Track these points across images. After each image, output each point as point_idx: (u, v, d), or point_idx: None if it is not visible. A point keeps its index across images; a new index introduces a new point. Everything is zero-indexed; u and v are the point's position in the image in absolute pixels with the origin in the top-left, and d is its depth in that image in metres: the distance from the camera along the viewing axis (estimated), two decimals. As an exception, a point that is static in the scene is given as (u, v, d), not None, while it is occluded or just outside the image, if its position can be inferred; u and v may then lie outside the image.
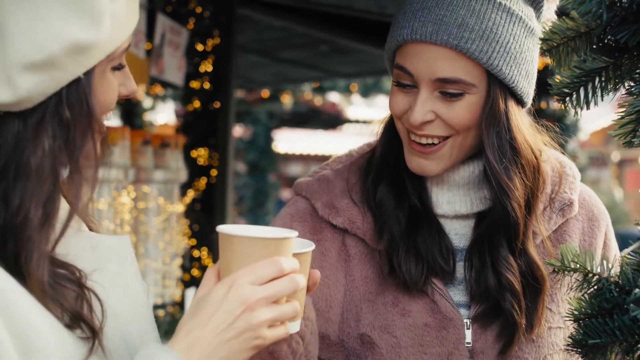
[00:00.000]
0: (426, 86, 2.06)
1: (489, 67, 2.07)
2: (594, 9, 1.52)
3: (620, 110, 1.55)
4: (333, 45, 8.49)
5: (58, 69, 1.59)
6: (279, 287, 1.59)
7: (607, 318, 1.58)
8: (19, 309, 1.54)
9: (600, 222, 2.34)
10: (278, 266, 1.59)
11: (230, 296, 1.57)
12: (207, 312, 1.57)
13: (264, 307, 1.57)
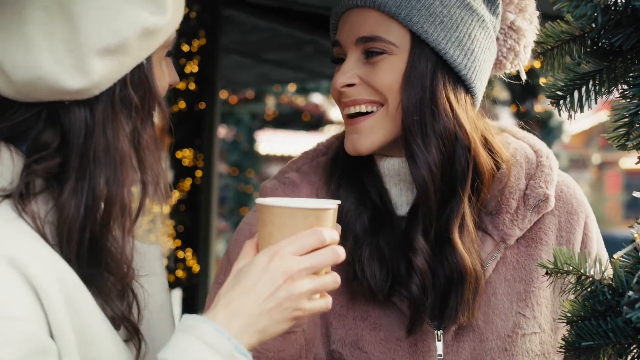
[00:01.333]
0: (351, 51, 2.05)
1: (407, 24, 2.02)
2: (589, 12, 1.53)
3: (614, 113, 1.56)
4: (318, 47, 8.49)
5: (128, 54, 1.60)
6: (320, 258, 1.59)
7: (600, 320, 1.58)
8: (82, 304, 1.55)
9: (579, 215, 2.20)
10: (320, 237, 1.59)
11: (273, 266, 1.56)
12: (249, 282, 1.57)
13: (305, 278, 1.57)
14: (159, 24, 1.61)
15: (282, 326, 1.57)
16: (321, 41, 8.11)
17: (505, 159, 2.11)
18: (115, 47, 1.58)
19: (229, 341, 1.51)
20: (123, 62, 1.60)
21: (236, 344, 1.52)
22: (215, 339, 1.51)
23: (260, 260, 1.58)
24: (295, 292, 1.55)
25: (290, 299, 1.55)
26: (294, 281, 1.55)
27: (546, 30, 1.65)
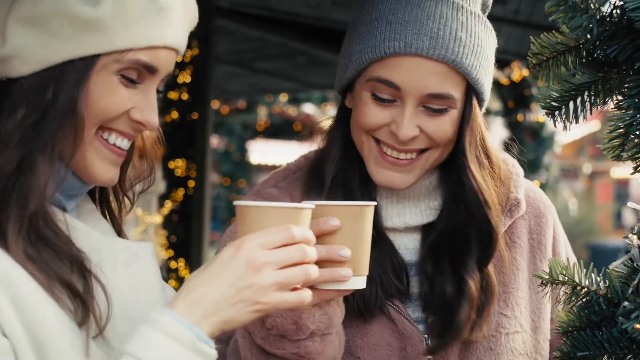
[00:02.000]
0: (413, 101, 2.01)
1: (475, 82, 2.06)
2: (585, 23, 1.53)
3: (610, 124, 1.56)
4: (310, 57, 8.49)
5: (52, 35, 1.60)
6: (287, 254, 1.57)
7: (595, 331, 1.58)
8: (29, 300, 1.54)
9: (547, 217, 2.29)
10: (289, 233, 1.57)
11: (237, 256, 1.55)
12: (213, 271, 1.56)
13: (269, 270, 1.55)
14: (89, 14, 1.60)
15: (245, 318, 1.56)
16: (313, 51, 8.13)
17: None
18: (34, 18, 1.59)
19: (190, 330, 1.51)
20: (48, 43, 1.60)
21: (198, 332, 1.51)
22: (177, 329, 1.50)
23: (226, 251, 1.58)
24: (257, 282, 1.54)
25: (252, 289, 1.54)
26: (257, 272, 1.54)
27: (541, 41, 1.65)
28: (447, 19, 2.01)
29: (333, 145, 2.17)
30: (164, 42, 1.70)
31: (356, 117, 2.09)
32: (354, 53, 2.07)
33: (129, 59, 1.66)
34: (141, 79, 1.71)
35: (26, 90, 1.62)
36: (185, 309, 1.53)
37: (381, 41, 2.01)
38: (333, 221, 1.74)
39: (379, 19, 2.04)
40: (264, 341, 1.87)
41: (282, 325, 1.84)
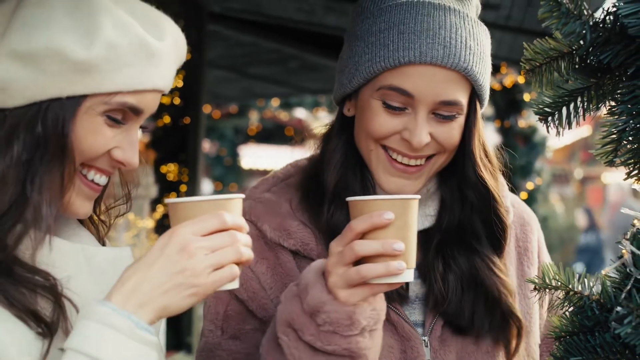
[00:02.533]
0: (425, 108, 2.05)
1: (480, 89, 2.11)
2: (578, 29, 1.54)
3: (603, 130, 1.57)
4: (302, 62, 8.49)
5: (42, 72, 1.61)
6: (219, 239, 1.59)
7: (588, 336, 1.59)
8: None
9: (532, 225, 2.38)
10: (220, 219, 1.60)
11: (170, 243, 1.57)
12: (147, 260, 1.58)
13: (201, 255, 1.57)
14: (79, 55, 1.61)
15: (182, 303, 1.58)
16: (305, 56, 8.12)
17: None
18: (23, 53, 1.60)
19: (128, 319, 1.52)
20: (37, 79, 1.61)
21: (136, 320, 1.53)
22: (114, 318, 1.52)
23: (159, 240, 1.60)
24: (190, 267, 1.56)
25: (185, 274, 1.56)
26: (190, 257, 1.56)
27: (534, 47, 1.65)
28: (457, 28, 2.05)
29: (333, 153, 2.19)
30: (153, 86, 1.72)
31: (365, 125, 2.11)
32: (362, 62, 2.09)
33: (116, 101, 1.68)
34: (125, 119, 1.73)
35: (16, 126, 1.63)
36: (122, 299, 1.55)
37: (395, 50, 2.05)
38: (387, 215, 1.78)
39: (389, 28, 2.07)
40: (313, 337, 1.87)
41: (336, 320, 1.84)
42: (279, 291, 2.11)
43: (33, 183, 1.63)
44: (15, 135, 1.63)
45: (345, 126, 2.20)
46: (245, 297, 2.14)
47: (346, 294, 1.83)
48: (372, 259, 1.79)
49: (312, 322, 1.86)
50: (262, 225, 2.17)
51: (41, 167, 1.64)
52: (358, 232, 1.81)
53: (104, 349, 1.50)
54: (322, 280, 1.87)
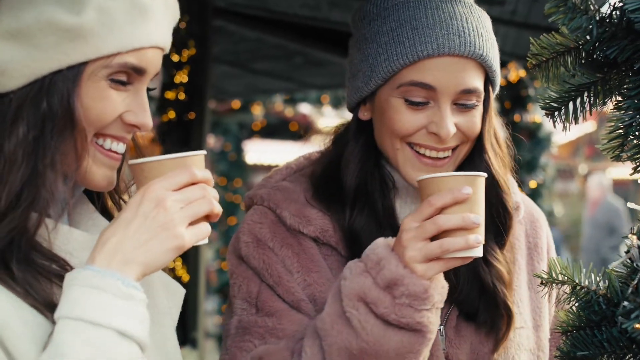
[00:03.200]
0: (447, 99, 2.09)
1: (493, 74, 2.16)
2: (584, 24, 1.54)
3: (609, 125, 1.57)
4: (307, 57, 8.48)
5: (36, 47, 1.60)
6: (191, 192, 1.61)
7: (595, 330, 1.59)
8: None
9: (541, 222, 2.43)
10: (190, 172, 1.62)
11: (145, 200, 1.59)
12: (123, 220, 1.59)
13: (176, 207, 1.59)
14: (71, 23, 1.60)
15: (164, 257, 1.60)
16: (310, 52, 8.11)
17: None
18: (16, 31, 1.60)
19: (112, 278, 1.53)
20: (33, 55, 1.61)
21: (121, 278, 1.54)
22: (99, 279, 1.53)
23: (133, 198, 1.62)
24: (167, 219, 1.58)
25: (164, 227, 1.58)
26: (166, 211, 1.58)
27: (541, 42, 1.65)
28: (466, 17, 2.10)
29: (351, 157, 2.23)
30: (150, 42, 1.71)
31: (388, 125, 2.14)
32: (378, 63, 2.12)
33: (117, 62, 1.67)
34: (130, 80, 1.73)
35: (20, 106, 1.62)
36: (104, 261, 1.56)
37: (412, 46, 2.08)
38: (466, 190, 1.89)
39: (401, 26, 2.10)
40: (388, 310, 1.94)
41: (414, 293, 1.92)
42: (305, 275, 2.17)
43: (45, 159, 1.63)
44: (20, 115, 1.62)
45: (361, 130, 2.23)
46: (271, 282, 2.17)
47: (423, 268, 1.92)
48: (449, 234, 1.90)
49: (387, 295, 1.93)
50: (282, 212, 2.22)
51: (52, 142, 1.64)
52: (438, 207, 1.90)
53: (91, 310, 1.51)
54: (395, 255, 1.94)
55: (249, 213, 2.29)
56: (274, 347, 2.10)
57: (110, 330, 1.51)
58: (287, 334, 2.12)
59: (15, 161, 1.62)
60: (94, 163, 1.73)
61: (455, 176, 1.93)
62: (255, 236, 2.22)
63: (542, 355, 2.27)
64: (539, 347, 2.27)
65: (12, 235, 1.61)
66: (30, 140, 1.62)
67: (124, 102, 1.71)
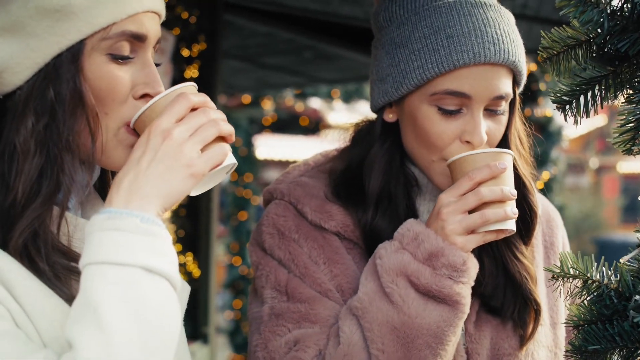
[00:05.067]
0: (480, 106, 2.10)
1: (521, 78, 2.18)
2: (595, 17, 1.54)
3: (620, 118, 1.56)
4: (317, 52, 8.47)
5: (32, 36, 1.59)
6: (194, 118, 1.60)
7: (607, 324, 1.59)
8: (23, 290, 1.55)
9: (557, 221, 2.46)
10: (186, 99, 1.61)
11: (151, 136, 1.57)
12: (134, 158, 1.58)
13: (185, 135, 1.58)
14: (63, 2, 1.59)
15: (182, 185, 1.58)
16: (320, 46, 8.10)
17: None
18: (9, 25, 1.58)
19: (129, 216, 1.51)
20: (30, 45, 1.59)
21: (139, 215, 1.52)
22: (116, 220, 1.51)
23: (140, 138, 1.60)
24: (177, 148, 1.56)
25: (176, 156, 1.56)
26: (173, 140, 1.57)
27: (552, 35, 1.65)
28: (498, 23, 2.10)
29: (376, 159, 2.23)
30: (144, 7, 1.69)
31: (423, 136, 2.14)
32: (411, 70, 2.11)
33: (115, 33, 1.65)
34: (134, 51, 1.71)
35: (27, 99, 1.62)
36: (121, 201, 1.54)
37: (447, 55, 2.08)
38: (502, 164, 2.00)
39: (435, 33, 2.10)
40: (428, 282, 2.02)
41: (453, 264, 2.02)
42: (331, 266, 2.19)
43: (59, 143, 1.62)
44: (27, 107, 1.62)
45: (387, 132, 2.24)
46: (298, 273, 2.19)
47: (463, 240, 2.02)
48: (486, 207, 2.00)
49: (427, 267, 2.02)
50: (303, 207, 2.23)
51: (64, 126, 1.63)
52: (477, 181, 1.99)
53: (114, 251, 1.49)
54: (431, 230, 2.03)
55: (271, 207, 2.30)
56: (310, 331, 2.12)
57: (136, 268, 1.48)
58: (320, 318, 2.14)
59: (28, 152, 1.61)
60: (119, 144, 1.72)
61: (489, 152, 2.03)
62: (278, 229, 2.23)
63: (559, 353, 2.28)
64: (556, 345, 2.29)
65: (34, 227, 1.60)
66: (41, 129, 1.61)
67: (131, 78, 1.70)
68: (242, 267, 11.91)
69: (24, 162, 1.60)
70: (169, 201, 1.57)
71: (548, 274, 2.25)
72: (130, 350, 1.44)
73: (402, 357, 2.01)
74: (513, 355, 2.18)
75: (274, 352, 2.13)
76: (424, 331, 2.01)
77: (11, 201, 1.60)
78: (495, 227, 2.01)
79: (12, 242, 1.58)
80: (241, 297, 11.75)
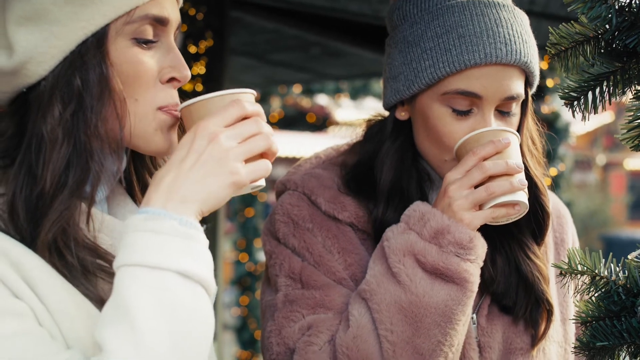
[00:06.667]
0: (492, 106, 2.10)
1: (534, 78, 2.17)
2: (604, 13, 1.53)
3: (628, 114, 1.56)
4: (324, 48, 8.47)
5: (54, 22, 1.56)
6: (244, 126, 1.57)
7: (614, 320, 1.58)
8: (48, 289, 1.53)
9: (567, 218, 2.46)
10: (240, 106, 1.58)
11: (197, 137, 1.54)
12: (177, 158, 1.55)
13: (231, 142, 1.55)
14: None
15: (222, 192, 1.55)
16: (328, 42, 8.10)
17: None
18: (33, 14, 1.55)
19: (168, 218, 1.49)
20: (55, 32, 1.57)
21: (178, 217, 1.50)
22: (154, 222, 1.49)
23: (185, 136, 1.57)
24: (223, 154, 1.53)
25: (220, 162, 1.53)
26: (219, 145, 1.53)
27: (560, 31, 1.64)
28: (511, 23, 2.11)
29: (387, 156, 2.24)
30: None
31: (435, 136, 2.16)
32: (423, 68, 2.12)
33: (139, 16, 1.64)
34: (157, 35, 1.69)
35: (53, 88, 1.59)
36: (160, 201, 1.52)
37: (459, 54, 2.08)
38: (505, 139, 2.01)
39: (447, 32, 2.10)
40: (435, 259, 2.03)
41: (459, 240, 2.02)
42: (346, 256, 2.20)
43: (87, 129, 1.60)
44: (53, 96, 1.59)
45: (399, 129, 2.25)
46: (312, 262, 2.20)
47: (470, 216, 2.03)
48: (493, 181, 2.01)
49: (433, 245, 2.03)
50: (317, 198, 2.24)
51: (92, 113, 1.60)
52: (481, 157, 2.00)
53: (149, 254, 1.47)
54: (437, 209, 2.05)
55: (284, 197, 2.30)
56: (324, 317, 2.13)
57: (171, 272, 1.47)
58: (335, 305, 2.15)
59: (55, 141, 1.58)
60: (159, 128, 1.70)
61: (493, 130, 2.04)
62: (292, 218, 2.24)
63: (569, 349, 2.29)
64: (566, 340, 2.30)
65: (63, 222, 1.58)
66: (68, 117, 1.59)
67: (157, 62, 1.68)
68: (249, 263, 11.91)
69: (52, 152, 1.58)
70: (207, 206, 1.54)
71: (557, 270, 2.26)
72: (163, 354, 1.43)
73: (411, 336, 2.01)
74: (525, 350, 2.18)
75: (288, 338, 2.14)
76: (432, 310, 2.01)
77: (39, 192, 1.58)
78: (503, 200, 2.00)
79: (41, 235, 1.56)
80: (248, 294, 11.74)
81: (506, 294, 2.19)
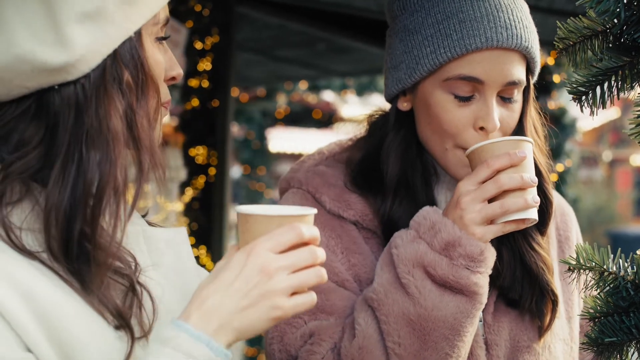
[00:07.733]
0: (493, 91, 2.09)
1: (535, 65, 2.16)
2: (612, 7, 1.53)
3: (636, 109, 1.56)
4: (330, 44, 8.47)
5: (110, 22, 1.53)
6: (298, 258, 1.54)
7: (623, 316, 1.58)
8: (59, 317, 1.49)
9: (571, 215, 2.45)
10: (297, 232, 1.54)
11: (249, 263, 1.51)
12: (225, 279, 1.52)
13: (282, 275, 1.52)
14: None
15: (260, 326, 1.53)
16: (333, 38, 8.10)
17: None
18: (93, 11, 1.51)
19: (207, 346, 1.47)
20: (108, 32, 1.53)
21: (215, 347, 1.48)
22: (191, 345, 1.47)
23: (237, 257, 1.54)
24: (270, 289, 1.51)
25: (266, 296, 1.51)
26: (270, 278, 1.51)
27: (568, 26, 1.64)
28: (511, 8, 2.10)
29: (390, 149, 2.22)
30: None
31: (436, 123, 2.14)
32: (424, 55, 2.12)
33: (162, 17, 1.66)
34: (167, 35, 1.71)
35: (97, 85, 1.54)
36: (201, 321, 1.50)
37: (459, 39, 2.08)
38: (521, 153, 1.96)
39: (448, 18, 2.10)
40: (445, 272, 2.00)
41: (470, 254, 1.99)
42: (349, 256, 2.19)
43: (136, 124, 1.58)
44: (109, 91, 1.55)
45: (401, 120, 2.23)
46: None
47: (482, 230, 2.00)
48: (506, 196, 1.97)
49: (444, 257, 2.00)
50: (321, 196, 2.23)
51: (140, 109, 1.59)
52: (495, 169, 1.96)
53: None
54: (449, 219, 2.01)
55: (288, 195, 2.29)
56: (325, 323, 2.12)
57: None
58: (336, 309, 2.14)
59: (119, 139, 1.55)
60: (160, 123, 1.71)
61: (509, 140, 1.99)
62: None
63: (574, 347, 2.28)
64: (572, 338, 2.29)
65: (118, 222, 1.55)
66: (123, 114, 1.56)
67: (164, 60, 1.69)
68: (255, 259, 11.91)
69: (119, 153, 1.55)
70: (243, 336, 1.53)
71: (563, 267, 2.25)
72: None
73: (419, 349, 2.00)
74: (531, 347, 2.18)
75: (290, 345, 2.13)
76: (440, 323, 2.00)
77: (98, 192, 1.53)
78: (516, 217, 1.97)
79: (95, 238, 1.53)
80: (254, 290, 11.74)
81: (512, 287, 2.17)
